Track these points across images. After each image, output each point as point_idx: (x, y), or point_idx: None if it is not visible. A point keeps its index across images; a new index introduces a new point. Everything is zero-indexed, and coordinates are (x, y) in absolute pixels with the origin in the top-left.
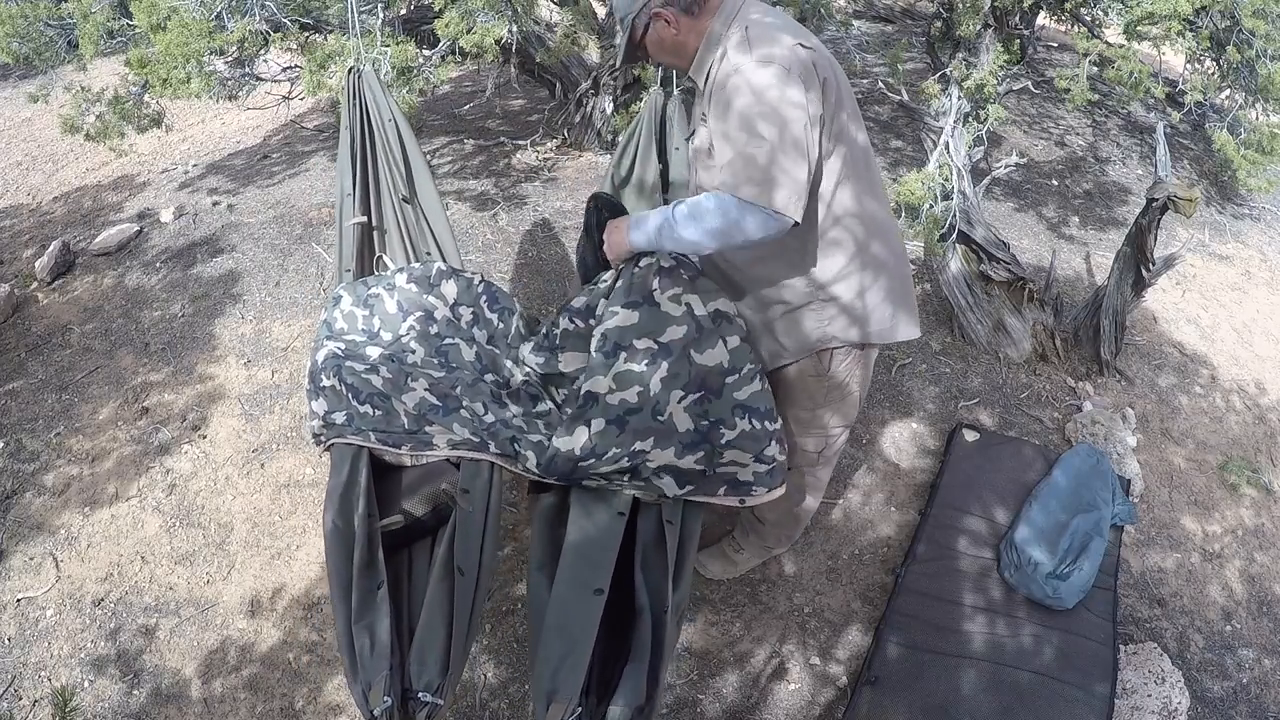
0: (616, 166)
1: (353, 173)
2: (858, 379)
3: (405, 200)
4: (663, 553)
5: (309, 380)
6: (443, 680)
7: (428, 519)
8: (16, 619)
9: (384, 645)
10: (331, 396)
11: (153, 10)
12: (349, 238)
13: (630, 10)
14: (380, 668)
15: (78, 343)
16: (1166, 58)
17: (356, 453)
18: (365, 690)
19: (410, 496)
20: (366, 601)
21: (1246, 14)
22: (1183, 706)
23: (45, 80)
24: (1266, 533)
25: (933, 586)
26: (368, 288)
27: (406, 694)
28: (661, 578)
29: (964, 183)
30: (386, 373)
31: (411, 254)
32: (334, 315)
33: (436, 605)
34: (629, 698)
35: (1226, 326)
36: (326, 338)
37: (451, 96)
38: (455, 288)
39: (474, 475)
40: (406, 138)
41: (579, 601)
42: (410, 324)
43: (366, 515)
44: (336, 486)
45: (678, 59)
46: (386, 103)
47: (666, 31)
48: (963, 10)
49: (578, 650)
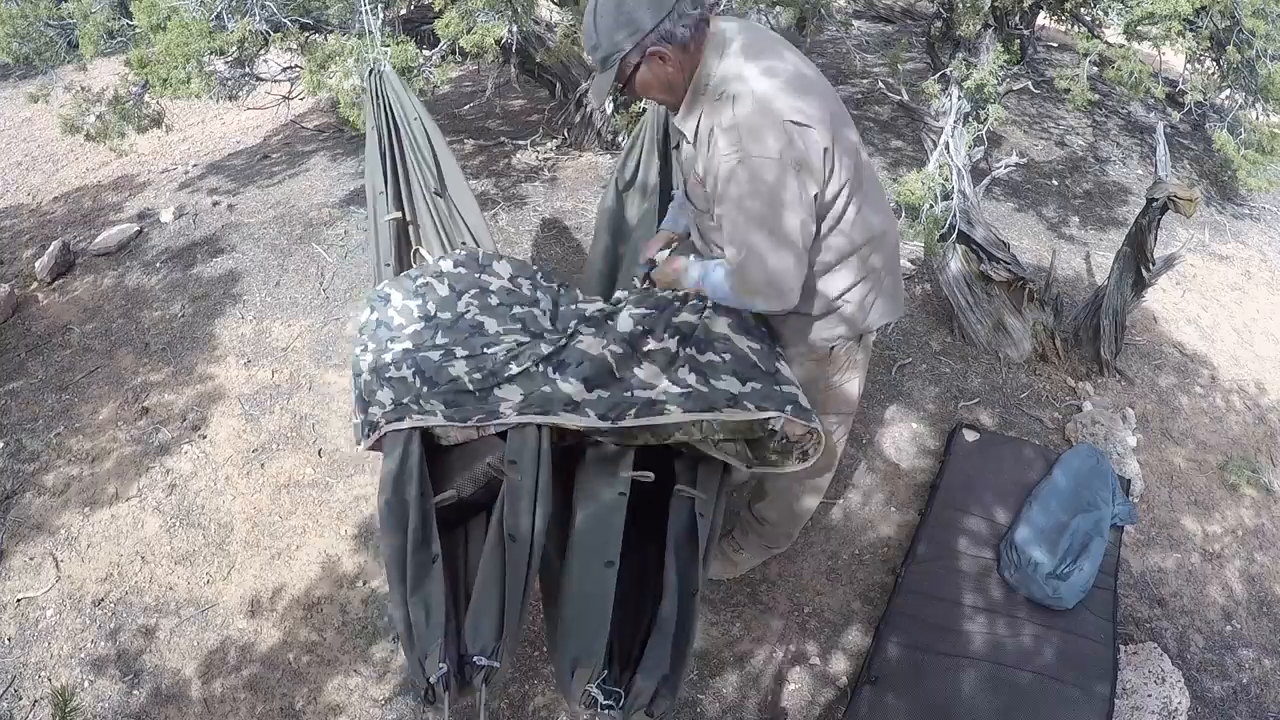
0: (621, 170)
1: (383, 171)
2: (858, 363)
3: (437, 194)
4: (694, 541)
5: (369, 374)
6: (498, 643)
7: (480, 495)
8: (16, 619)
9: (439, 616)
10: (399, 386)
11: (153, 10)
12: (385, 234)
13: (619, 49)
14: (436, 637)
15: (78, 343)
16: (1166, 58)
17: (408, 437)
18: (422, 659)
19: (459, 475)
20: (421, 575)
21: (1246, 14)
22: (1183, 706)
23: (45, 80)
24: (1266, 533)
25: (933, 586)
26: (413, 280)
27: (463, 659)
28: (691, 564)
29: (964, 183)
30: (462, 350)
31: (447, 244)
32: (388, 314)
33: (490, 572)
34: (654, 667)
35: (1226, 326)
36: (390, 339)
37: (451, 96)
38: (509, 266)
39: (521, 446)
40: (433, 133)
41: (592, 574)
42: (468, 300)
43: (420, 494)
44: (390, 470)
45: (669, 95)
46: (411, 101)
47: (661, 69)
48: (963, 10)
49: (597, 619)
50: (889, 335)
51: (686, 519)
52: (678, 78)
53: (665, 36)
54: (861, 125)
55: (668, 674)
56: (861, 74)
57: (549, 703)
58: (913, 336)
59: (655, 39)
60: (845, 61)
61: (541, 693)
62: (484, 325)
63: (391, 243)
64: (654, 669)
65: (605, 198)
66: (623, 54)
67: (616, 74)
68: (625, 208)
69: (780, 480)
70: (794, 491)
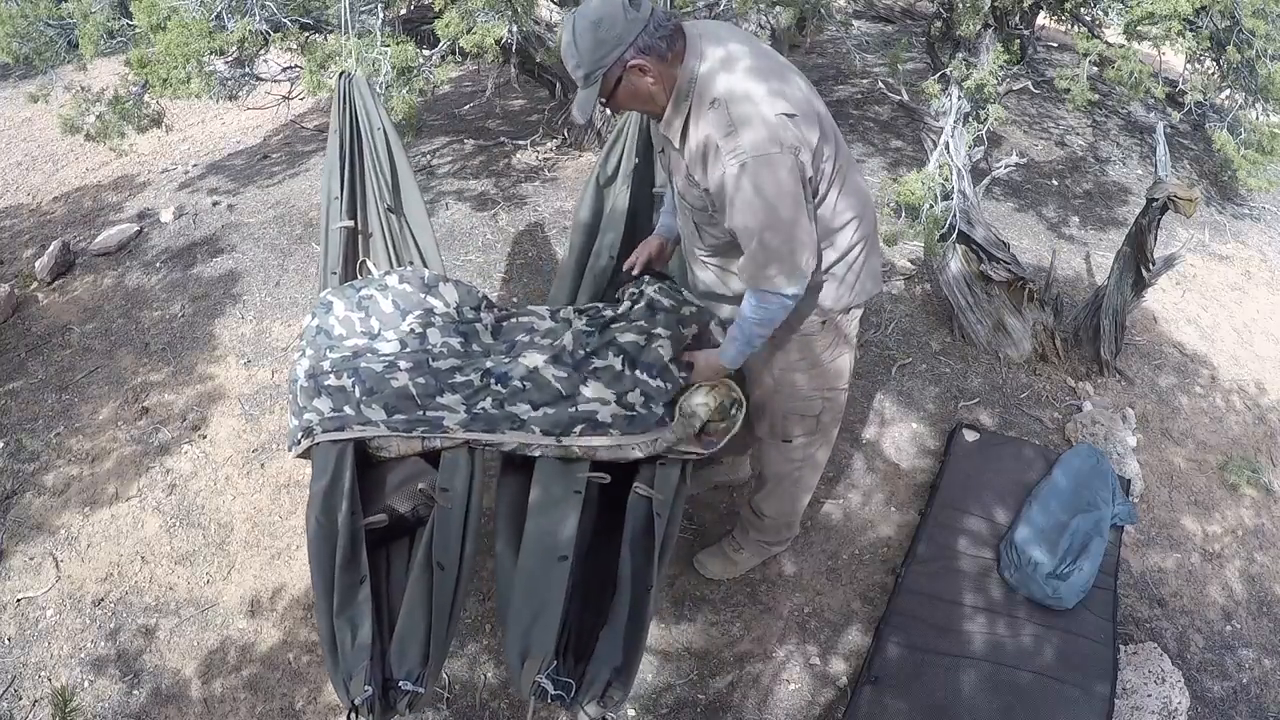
0: (603, 166)
1: (340, 177)
2: (846, 339)
3: (390, 210)
4: (650, 538)
5: (307, 380)
6: (423, 669)
7: (408, 516)
8: (16, 619)
9: (365, 638)
10: (338, 394)
11: (153, 10)
12: (335, 241)
13: (600, 64)
14: (361, 659)
15: (78, 343)
16: (1166, 58)
17: (341, 452)
18: (346, 680)
19: (391, 495)
20: (348, 596)
21: (1246, 14)
22: (1183, 706)
23: (45, 80)
24: (1266, 533)
25: (933, 586)
26: (357, 290)
27: (388, 683)
28: (645, 561)
29: (964, 183)
30: (406, 363)
31: (395, 260)
32: (329, 322)
33: (417, 599)
34: (606, 658)
35: (1226, 326)
36: (329, 347)
37: (451, 96)
38: (455, 292)
39: (453, 473)
40: (395, 147)
41: (545, 568)
42: (411, 322)
43: (350, 513)
44: (320, 488)
45: (651, 106)
46: (377, 111)
47: (643, 81)
48: (963, 10)
49: (548, 611)
50: (889, 335)
51: (643, 517)
52: (659, 87)
53: (644, 49)
54: (862, 125)
55: (619, 665)
56: (861, 74)
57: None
58: (913, 336)
59: (634, 52)
60: (845, 61)
61: None
62: (427, 336)
63: (340, 251)
64: (605, 660)
65: (585, 193)
66: (604, 69)
67: (600, 89)
68: (605, 202)
69: (775, 466)
70: (792, 477)
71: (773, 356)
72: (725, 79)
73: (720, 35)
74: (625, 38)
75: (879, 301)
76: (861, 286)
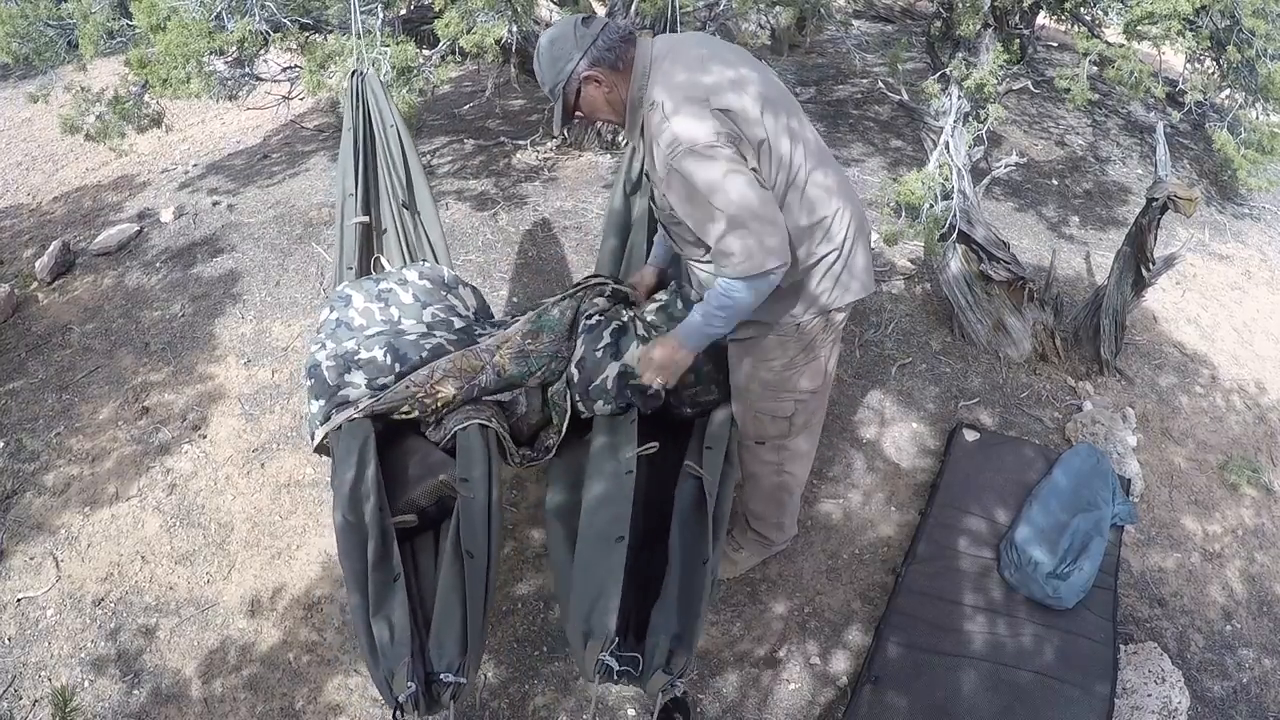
0: (626, 172)
1: (355, 174)
2: (825, 343)
3: (404, 205)
4: (702, 514)
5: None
6: (463, 659)
7: (432, 511)
8: (16, 619)
9: (404, 634)
10: (371, 366)
11: (153, 10)
12: (350, 237)
13: (558, 80)
14: (401, 655)
15: (78, 343)
16: (1166, 58)
17: (364, 444)
18: (388, 678)
19: (413, 491)
20: (383, 593)
21: (1246, 14)
22: (1183, 706)
23: (45, 80)
24: (1267, 532)
25: (933, 586)
26: (376, 284)
27: (430, 677)
28: (698, 536)
29: (964, 182)
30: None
31: (408, 257)
32: (349, 314)
33: (450, 589)
34: (663, 628)
35: (1226, 326)
36: (349, 339)
37: (451, 96)
38: (475, 300)
39: (471, 464)
40: (407, 144)
41: (603, 550)
42: (433, 311)
43: (378, 509)
44: (345, 482)
45: (614, 114)
46: (389, 108)
47: (599, 91)
48: (963, 10)
49: (608, 593)
50: (889, 335)
51: (694, 492)
52: (615, 96)
53: (595, 61)
54: (861, 125)
55: (678, 633)
56: (861, 74)
57: (549, 702)
58: (913, 336)
59: (586, 65)
60: (845, 61)
61: (541, 692)
62: (453, 323)
63: (356, 246)
64: (662, 630)
65: (613, 199)
66: (563, 83)
67: (563, 102)
68: (632, 209)
69: (750, 465)
70: (769, 477)
71: (745, 356)
72: (664, 80)
73: (673, 41)
74: (574, 53)
75: (879, 301)
76: (841, 289)
